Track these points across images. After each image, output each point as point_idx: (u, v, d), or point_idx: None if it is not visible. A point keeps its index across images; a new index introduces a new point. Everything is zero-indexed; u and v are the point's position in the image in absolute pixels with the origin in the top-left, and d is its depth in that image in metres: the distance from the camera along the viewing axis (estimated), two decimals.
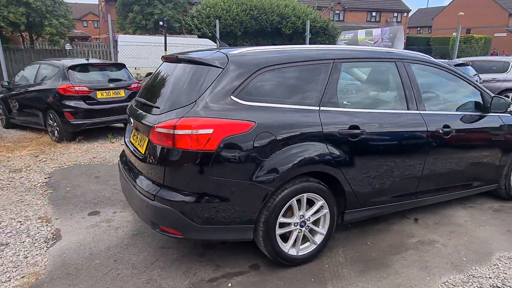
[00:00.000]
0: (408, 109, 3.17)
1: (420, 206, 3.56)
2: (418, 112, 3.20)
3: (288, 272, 2.76)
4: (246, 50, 2.76)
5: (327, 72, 2.84)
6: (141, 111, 2.90)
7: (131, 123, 3.05)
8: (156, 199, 2.51)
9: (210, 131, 2.38)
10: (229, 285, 2.62)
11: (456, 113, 3.50)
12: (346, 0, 37.49)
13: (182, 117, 2.41)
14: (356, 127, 2.84)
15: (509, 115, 3.80)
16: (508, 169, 3.90)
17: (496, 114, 3.69)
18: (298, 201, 2.72)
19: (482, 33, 38.76)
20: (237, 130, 2.44)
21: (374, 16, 40.05)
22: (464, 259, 2.96)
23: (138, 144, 2.89)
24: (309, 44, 15.66)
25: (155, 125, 2.53)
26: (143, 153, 2.76)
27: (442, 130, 3.27)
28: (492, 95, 3.68)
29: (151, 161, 2.60)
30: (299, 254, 2.81)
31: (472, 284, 2.64)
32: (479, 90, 3.67)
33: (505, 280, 2.68)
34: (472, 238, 3.31)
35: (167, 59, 3.13)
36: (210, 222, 2.51)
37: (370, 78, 3.49)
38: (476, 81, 5.49)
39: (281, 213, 2.65)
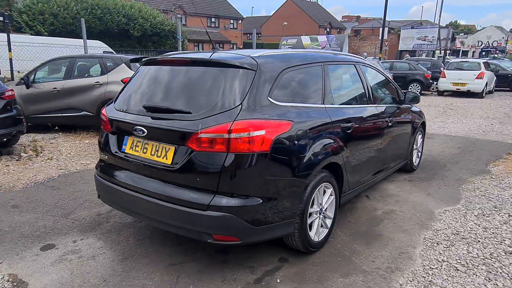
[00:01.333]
0: (368, 104, 3.79)
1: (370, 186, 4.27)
2: (374, 106, 3.86)
3: (315, 258, 2.98)
4: (261, 52, 2.84)
5: (322, 73, 3.18)
6: (156, 118, 2.63)
7: (133, 131, 2.72)
8: (210, 208, 2.37)
9: (263, 132, 2.41)
10: (278, 280, 2.68)
11: (391, 105, 4.34)
12: (187, 5, 38.12)
13: (235, 120, 2.36)
14: (349, 121, 3.27)
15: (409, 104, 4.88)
16: (411, 147, 5.02)
17: (408, 104, 4.72)
18: (318, 191, 2.97)
19: None
20: (282, 129, 2.53)
21: (213, 21, 41.98)
22: (422, 219, 3.76)
23: (154, 154, 2.63)
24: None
25: (199, 131, 2.38)
26: (170, 163, 2.54)
27: (389, 119, 4.02)
28: (404, 91, 4.70)
29: (196, 169, 2.43)
30: (319, 239, 3.06)
31: (441, 235, 3.40)
32: (395, 87, 4.61)
33: (456, 228, 3.56)
34: (413, 203, 4.18)
35: (168, 61, 2.94)
36: (263, 222, 2.53)
37: (344, 78, 3.99)
38: None
39: (310, 203, 2.86)
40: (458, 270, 2.84)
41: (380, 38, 27.64)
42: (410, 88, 15.70)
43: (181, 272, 2.80)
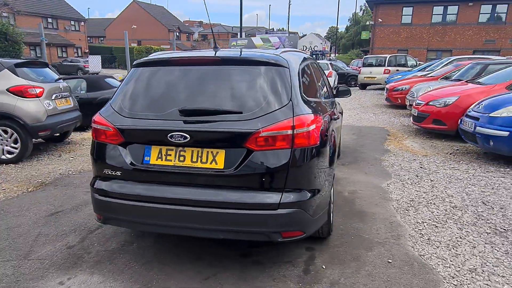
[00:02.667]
0: (329, 97, 4.20)
1: None
2: (332, 98, 4.31)
3: (334, 241, 3.19)
4: (281, 50, 2.90)
5: (313, 69, 3.43)
6: (199, 121, 2.42)
7: (166, 139, 2.44)
8: (281, 206, 2.35)
9: (314, 126, 2.50)
10: (323, 267, 2.81)
11: (332, 99, 4.86)
12: (15, 3, 32.60)
13: (294, 116, 2.39)
14: (334, 113, 3.61)
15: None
16: (340, 135, 5.72)
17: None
18: None
19: (151, 44, 44.20)
20: (320, 123, 2.67)
21: (50, 22, 37.05)
22: (380, 193, 4.39)
23: (196, 161, 2.44)
24: None
25: (261, 130, 2.32)
26: (222, 167, 2.39)
27: (336, 110, 4.53)
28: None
29: (259, 170, 2.35)
30: (332, 223, 3.31)
31: (403, 204, 4.06)
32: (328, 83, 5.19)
33: (407, 196, 4.29)
34: (362, 182, 4.80)
35: (192, 61, 2.76)
36: (317, 213, 2.62)
37: (320, 75, 4.23)
38: None
39: None
40: (437, 226, 3.49)
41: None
42: None
43: (223, 283, 2.65)
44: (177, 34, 55.56)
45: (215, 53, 2.75)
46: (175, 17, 63.72)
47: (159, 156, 2.52)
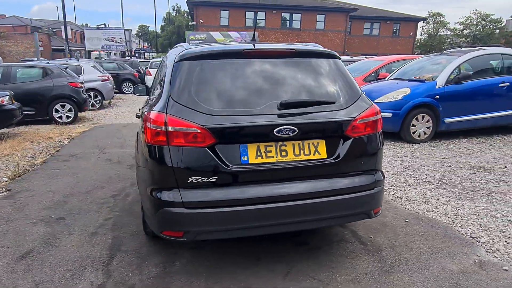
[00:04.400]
0: None
1: None
2: None
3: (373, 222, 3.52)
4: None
5: None
6: (298, 113, 2.38)
7: (272, 134, 2.32)
8: (376, 185, 2.59)
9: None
10: (371, 236, 3.17)
11: None
12: None
13: (372, 104, 2.65)
14: None
15: None
16: None
17: None
18: None
19: None
20: None
21: None
22: None
23: (299, 154, 2.42)
24: None
25: (357, 117, 2.50)
26: (326, 157, 2.45)
27: None
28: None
29: (359, 155, 2.52)
30: None
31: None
32: None
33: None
34: None
35: (264, 53, 2.63)
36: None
37: None
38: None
39: None
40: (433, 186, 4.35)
41: (34, 38, 25.50)
42: (124, 88, 16.12)
43: (307, 272, 2.69)
44: None
45: (254, 46, 2.70)
46: None
47: (258, 154, 2.36)
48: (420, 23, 40.91)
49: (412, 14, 40.17)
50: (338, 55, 2.81)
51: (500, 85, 6.86)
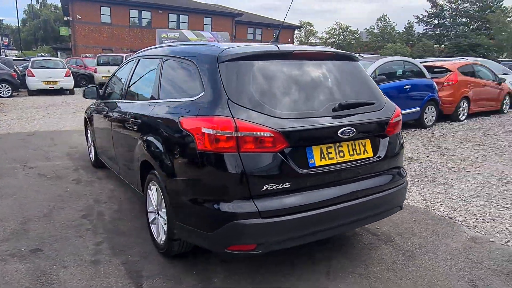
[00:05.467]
0: None
1: None
2: None
3: None
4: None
5: None
6: (351, 114, 2.45)
7: (336, 135, 2.36)
8: (405, 178, 2.81)
9: None
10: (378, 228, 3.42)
11: None
12: None
13: (396, 106, 2.87)
14: None
15: None
16: None
17: None
18: None
19: None
20: None
21: None
22: None
23: (353, 154, 2.50)
24: None
25: (392, 117, 2.68)
26: (372, 155, 2.58)
27: None
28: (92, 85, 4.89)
29: (395, 151, 2.72)
30: None
31: None
32: None
33: None
34: None
35: (310, 55, 2.65)
36: None
37: None
38: None
39: None
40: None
41: None
42: (0, 90, 13.58)
43: (347, 271, 2.80)
44: None
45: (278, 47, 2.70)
46: None
47: (322, 156, 2.34)
48: (296, 31, 44.68)
49: (289, 22, 43.57)
50: (359, 59, 2.97)
51: (404, 87, 8.03)
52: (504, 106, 11.02)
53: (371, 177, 2.61)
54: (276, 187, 2.18)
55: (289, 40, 40.71)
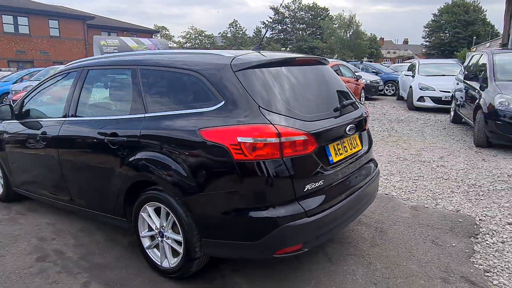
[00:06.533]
0: None
1: None
2: None
3: None
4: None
5: None
6: (345, 113, 2.74)
7: (345, 133, 2.63)
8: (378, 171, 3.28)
9: None
10: None
11: None
12: None
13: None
14: None
15: None
16: None
17: None
18: None
19: None
20: None
21: None
22: None
23: (353, 148, 2.81)
24: None
25: (366, 113, 3.09)
26: (361, 147, 2.93)
27: None
28: None
29: (371, 144, 3.13)
30: None
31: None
32: None
33: None
34: None
35: (302, 61, 2.78)
36: None
37: None
38: None
39: None
40: None
41: None
42: None
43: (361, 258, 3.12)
44: None
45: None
46: None
47: (335, 152, 2.56)
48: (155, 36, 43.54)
49: (145, 26, 42.17)
50: None
51: None
52: (361, 99, 13.18)
53: (364, 168, 2.97)
54: (314, 186, 2.33)
55: None
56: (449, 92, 9.99)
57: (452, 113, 9.05)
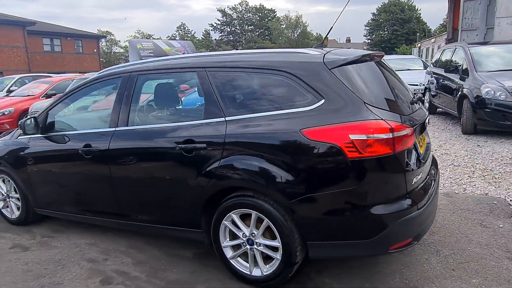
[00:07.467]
0: None
1: None
2: None
3: None
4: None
5: None
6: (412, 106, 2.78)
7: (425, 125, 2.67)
8: None
9: None
10: None
11: None
12: None
13: None
14: None
15: None
16: None
17: None
18: None
19: None
20: None
21: None
22: None
23: (423, 139, 2.85)
24: None
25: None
26: (428, 139, 2.99)
27: None
28: None
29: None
30: None
31: None
32: None
33: None
34: None
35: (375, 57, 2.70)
36: None
37: None
38: None
39: None
40: None
41: None
42: None
43: None
44: None
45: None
46: None
47: (420, 144, 2.61)
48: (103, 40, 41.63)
49: (90, 31, 40.18)
50: None
51: None
52: None
53: (432, 158, 3.05)
54: (417, 178, 2.35)
55: (95, 50, 37.52)
56: (417, 85, 10.65)
57: (426, 104, 9.59)
